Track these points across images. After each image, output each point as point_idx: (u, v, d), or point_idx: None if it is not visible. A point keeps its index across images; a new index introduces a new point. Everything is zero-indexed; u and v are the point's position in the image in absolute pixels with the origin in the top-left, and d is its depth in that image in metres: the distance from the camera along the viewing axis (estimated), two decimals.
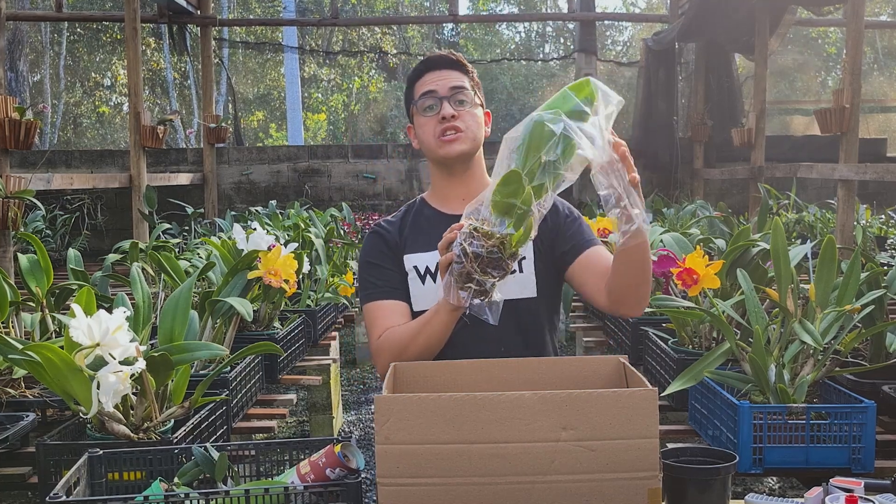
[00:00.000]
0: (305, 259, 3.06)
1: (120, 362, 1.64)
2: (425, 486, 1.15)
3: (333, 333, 3.67)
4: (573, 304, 3.95)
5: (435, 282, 1.71)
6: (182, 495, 1.30)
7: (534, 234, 1.36)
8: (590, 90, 1.33)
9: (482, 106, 1.81)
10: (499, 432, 1.14)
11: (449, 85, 1.74)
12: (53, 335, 2.55)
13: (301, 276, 3.17)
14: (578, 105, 1.31)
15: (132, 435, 1.75)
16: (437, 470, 1.15)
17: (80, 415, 1.77)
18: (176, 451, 1.48)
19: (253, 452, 1.51)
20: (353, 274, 4.04)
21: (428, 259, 1.73)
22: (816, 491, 1.32)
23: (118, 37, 15.59)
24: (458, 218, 1.77)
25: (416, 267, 1.75)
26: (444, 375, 1.47)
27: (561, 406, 1.14)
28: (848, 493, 1.29)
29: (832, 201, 5.86)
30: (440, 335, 1.61)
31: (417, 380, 1.46)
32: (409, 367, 1.47)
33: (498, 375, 1.48)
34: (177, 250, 4.38)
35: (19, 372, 2.28)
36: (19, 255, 2.71)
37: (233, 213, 6.64)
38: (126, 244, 3.88)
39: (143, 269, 3.21)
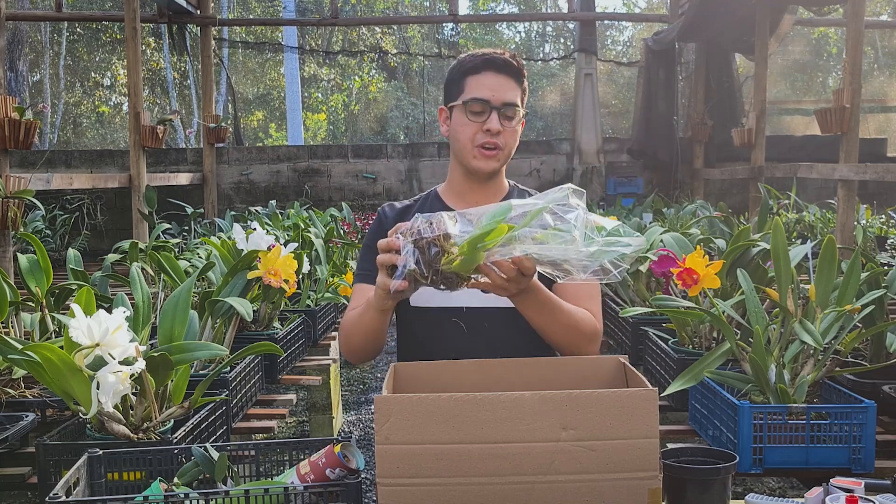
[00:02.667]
0: (305, 259, 3.06)
1: (120, 362, 1.64)
2: (425, 487, 1.15)
3: (333, 333, 3.67)
4: None
5: None
6: (182, 495, 1.30)
7: (472, 281, 1.33)
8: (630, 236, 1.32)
9: (525, 116, 1.79)
10: (499, 432, 1.14)
11: (504, 99, 1.70)
12: (53, 335, 2.55)
13: (301, 276, 3.16)
14: (606, 234, 1.31)
15: (132, 435, 1.75)
16: (436, 470, 1.15)
17: (80, 415, 1.77)
18: (176, 451, 1.48)
19: (253, 452, 1.51)
20: (354, 274, 4.04)
21: None
22: (816, 491, 1.32)
23: (118, 37, 15.60)
24: None
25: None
26: (444, 375, 1.47)
27: (561, 406, 1.14)
28: (848, 494, 1.29)
29: (832, 201, 5.86)
30: (375, 328, 1.60)
31: (417, 380, 1.46)
32: (409, 367, 1.47)
33: (498, 375, 1.47)
34: (176, 250, 4.38)
35: (19, 372, 2.28)
36: (19, 255, 2.71)
37: (233, 213, 6.64)
38: (126, 244, 3.88)
39: (142, 269, 3.21)
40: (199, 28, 7.83)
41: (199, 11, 7.63)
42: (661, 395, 1.99)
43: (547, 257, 1.26)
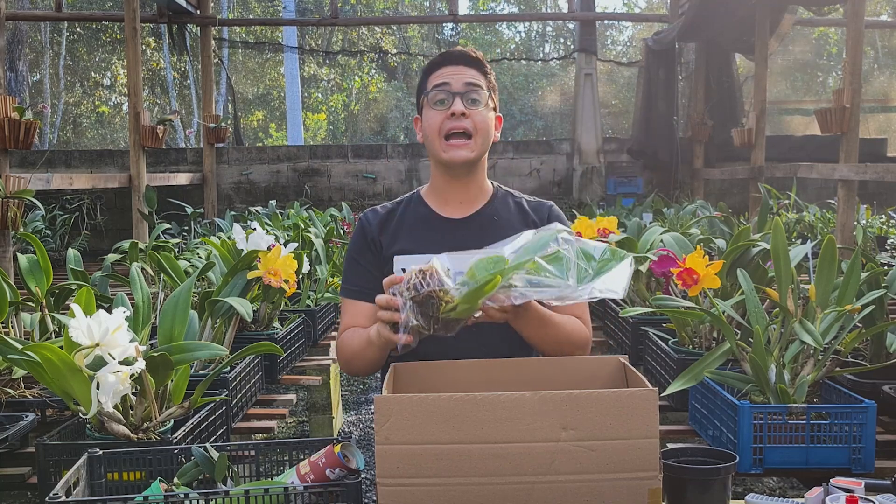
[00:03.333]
0: (305, 259, 3.06)
1: (119, 362, 1.64)
2: (425, 487, 1.15)
3: (333, 333, 3.67)
4: None
5: None
6: (182, 495, 1.30)
7: (471, 318, 1.36)
8: (618, 260, 1.34)
9: (495, 109, 1.76)
10: (499, 432, 1.14)
11: (464, 80, 1.69)
12: (53, 335, 2.55)
13: (301, 276, 3.16)
14: (599, 261, 1.33)
15: (132, 435, 1.75)
16: (436, 470, 1.15)
17: (80, 415, 1.77)
18: (176, 451, 1.48)
19: (253, 452, 1.51)
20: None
21: (416, 262, 1.69)
22: (817, 491, 1.32)
23: (118, 37, 15.60)
24: (454, 221, 1.75)
25: (404, 270, 1.71)
26: (443, 375, 1.47)
27: (561, 406, 1.14)
28: (848, 494, 1.29)
29: (832, 201, 5.86)
30: (376, 360, 1.62)
31: (417, 380, 1.46)
32: (409, 367, 1.47)
33: (498, 375, 1.47)
34: (176, 250, 4.38)
35: (19, 372, 2.28)
36: (19, 255, 2.71)
37: (232, 213, 6.63)
38: (126, 244, 3.88)
39: (142, 269, 3.21)
40: (198, 28, 7.83)
41: (198, 11, 7.62)
42: (661, 395, 1.99)
43: (542, 296, 1.30)
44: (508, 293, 1.30)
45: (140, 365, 1.69)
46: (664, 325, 2.84)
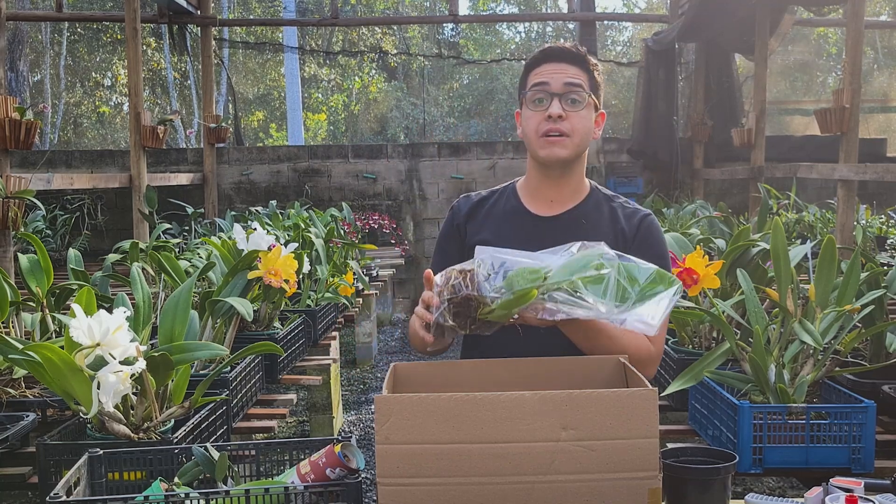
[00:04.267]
0: (305, 259, 3.06)
1: (120, 362, 1.65)
2: (425, 486, 1.15)
3: (333, 333, 3.67)
4: None
5: None
6: (182, 495, 1.30)
7: (509, 320, 1.36)
8: (666, 287, 1.29)
9: (597, 108, 1.70)
10: (499, 432, 1.14)
11: (563, 80, 1.64)
12: (53, 335, 2.55)
13: (301, 276, 3.17)
14: (643, 286, 1.29)
15: (132, 435, 1.75)
16: (437, 470, 1.15)
17: (81, 415, 1.77)
18: (176, 451, 1.48)
19: (253, 452, 1.51)
20: (353, 274, 4.04)
21: (498, 255, 1.67)
22: (816, 491, 1.32)
23: (118, 37, 15.60)
24: (541, 219, 1.73)
25: (482, 260, 1.68)
26: (444, 375, 1.47)
27: (561, 406, 1.14)
28: (848, 493, 1.29)
29: (832, 201, 5.86)
30: (433, 343, 1.58)
31: (417, 380, 1.46)
32: (409, 367, 1.47)
33: (498, 375, 1.48)
34: (177, 250, 4.38)
35: (19, 372, 2.28)
36: (19, 255, 2.71)
37: (233, 213, 6.64)
38: (126, 244, 3.88)
39: (143, 269, 3.21)
40: (199, 28, 7.83)
41: (199, 11, 7.63)
42: (661, 395, 2.00)
43: (573, 315, 1.30)
44: (542, 306, 1.30)
45: (140, 365, 1.69)
46: None
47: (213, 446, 1.45)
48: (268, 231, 3.52)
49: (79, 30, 16.21)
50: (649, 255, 1.59)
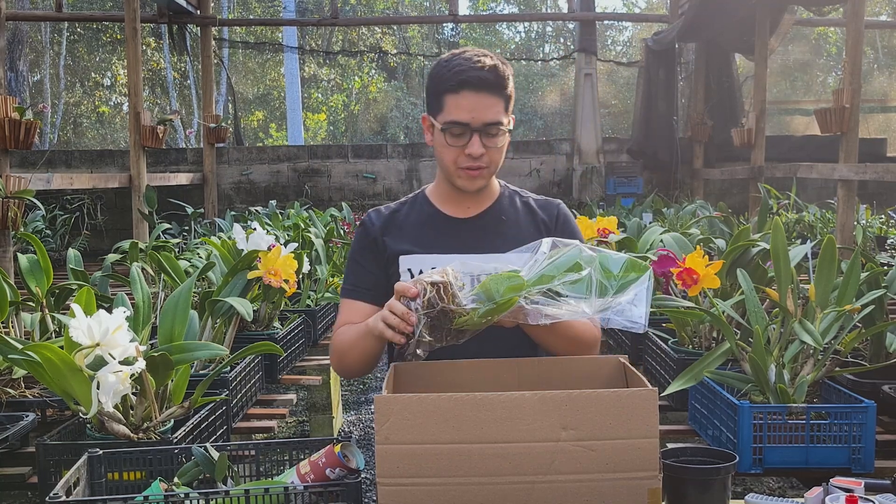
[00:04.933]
0: (305, 259, 3.06)
1: (120, 362, 1.64)
2: (425, 486, 1.15)
3: None
4: None
5: None
6: (182, 495, 1.30)
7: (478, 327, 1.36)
8: (638, 275, 1.31)
9: (510, 122, 1.66)
10: (499, 432, 1.14)
11: (484, 119, 1.58)
12: (53, 335, 2.55)
13: (301, 276, 3.16)
14: (619, 278, 1.31)
15: (132, 435, 1.75)
16: (436, 470, 1.15)
17: (80, 415, 1.77)
18: (176, 451, 1.48)
19: (253, 452, 1.51)
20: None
21: (424, 262, 1.67)
22: (816, 491, 1.32)
23: (118, 37, 15.60)
24: (460, 221, 1.72)
25: (410, 269, 1.68)
26: (443, 375, 1.47)
27: (561, 406, 1.14)
28: (848, 493, 1.29)
29: (832, 201, 5.86)
30: (372, 353, 1.59)
31: (417, 380, 1.46)
32: (408, 367, 1.47)
33: (498, 375, 1.47)
34: (177, 250, 4.38)
35: (19, 372, 2.28)
36: (19, 255, 2.71)
37: (233, 213, 6.64)
38: (126, 244, 3.88)
39: (142, 269, 3.21)
40: (199, 28, 7.83)
41: (199, 11, 7.63)
42: (661, 395, 2.00)
43: (557, 317, 1.30)
44: (524, 311, 1.29)
45: (140, 365, 1.69)
46: (664, 324, 2.84)
47: (212, 446, 1.45)
48: (268, 231, 3.52)
49: (78, 30, 16.21)
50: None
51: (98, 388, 1.64)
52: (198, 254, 3.95)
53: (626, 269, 1.31)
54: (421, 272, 1.64)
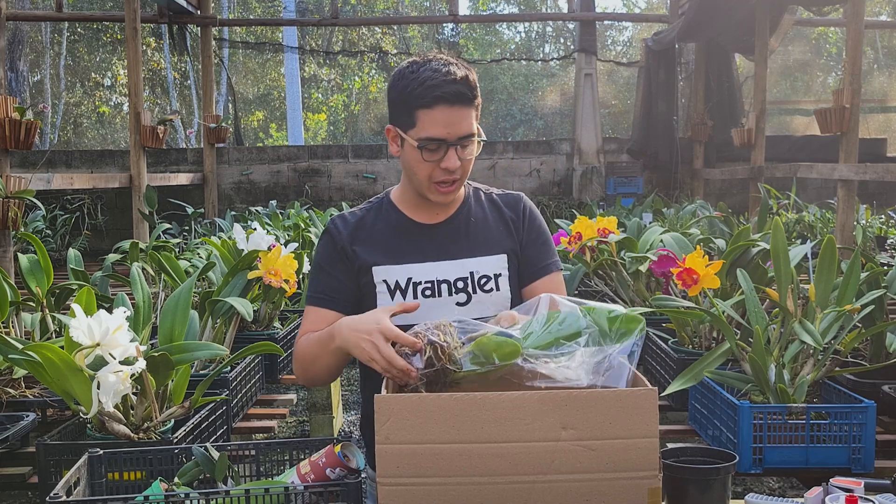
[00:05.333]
0: (305, 259, 3.06)
1: (120, 362, 1.65)
2: (425, 486, 1.15)
3: None
4: None
5: (404, 298, 1.62)
6: (182, 495, 1.30)
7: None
8: (635, 329, 1.30)
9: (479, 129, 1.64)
10: (499, 432, 1.14)
11: (459, 133, 1.55)
12: (53, 335, 2.55)
13: (301, 276, 3.16)
14: (615, 332, 1.30)
15: (132, 435, 1.75)
16: (437, 469, 1.15)
17: (81, 415, 1.77)
18: (176, 451, 1.48)
19: (253, 452, 1.51)
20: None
21: (398, 273, 1.63)
22: (816, 491, 1.32)
23: (118, 37, 15.60)
24: (430, 227, 1.67)
25: (385, 281, 1.63)
26: None
27: (561, 405, 1.14)
28: (848, 493, 1.29)
29: (832, 201, 5.86)
30: (340, 366, 1.57)
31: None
32: None
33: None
34: (177, 250, 4.38)
35: (19, 372, 2.28)
36: (19, 255, 2.71)
37: (233, 213, 6.64)
38: (126, 244, 3.88)
39: (143, 269, 3.21)
40: (199, 28, 7.83)
41: (199, 11, 7.63)
42: (661, 394, 2.00)
43: (557, 378, 1.29)
44: (522, 371, 1.30)
45: (140, 365, 1.69)
46: (664, 325, 2.84)
47: (213, 446, 1.45)
48: (268, 231, 3.53)
49: (79, 30, 16.21)
50: (538, 236, 1.71)
51: (98, 388, 1.64)
52: (198, 254, 3.95)
53: (621, 323, 1.30)
54: (397, 283, 1.62)
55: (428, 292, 1.62)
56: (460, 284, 1.63)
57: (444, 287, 1.63)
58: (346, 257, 1.66)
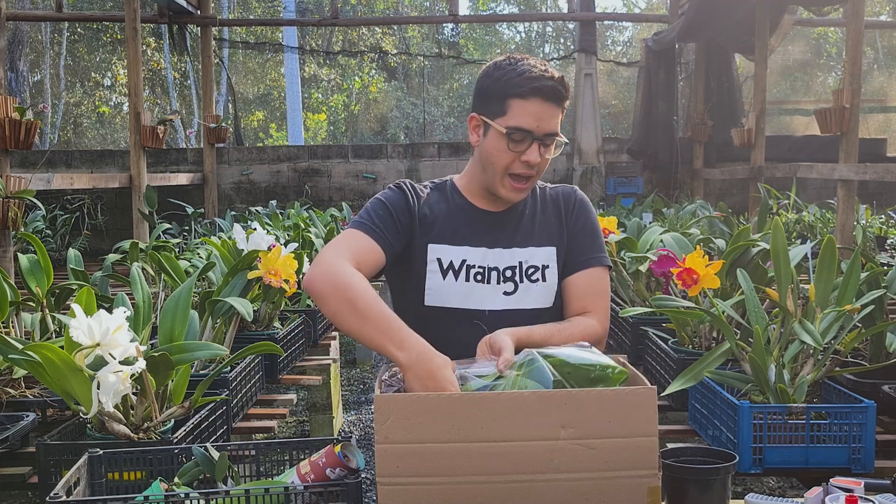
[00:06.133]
0: (306, 259, 3.06)
1: (120, 362, 1.65)
2: (425, 485, 1.15)
3: (333, 333, 3.67)
4: None
5: (456, 279, 1.64)
6: (182, 495, 1.30)
7: None
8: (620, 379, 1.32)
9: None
10: (498, 431, 1.15)
11: (546, 129, 1.59)
12: (53, 335, 2.55)
13: (301, 276, 3.16)
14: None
15: (132, 435, 1.75)
16: (436, 469, 1.15)
17: (81, 415, 1.77)
18: (176, 451, 1.48)
19: (253, 452, 1.51)
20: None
21: (454, 254, 1.66)
22: (816, 491, 1.32)
23: (118, 37, 15.60)
24: (492, 214, 1.70)
25: (439, 259, 1.65)
26: None
27: (560, 405, 1.15)
28: (848, 493, 1.29)
29: (832, 201, 5.86)
30: (361, 341, 1.49)
31: None
32: None
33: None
34: (177, 250, 4.38)
35: (19, 372, 2.28)
36: (19, 255, 2.71)
37: (233, 213, 6.64)
38: (126, 244, 3.88)
39: (143, 269, 3.21)
40: (199, 28, 7.83)
41: (199, 11, 7.63)
42: (662, 394, 2.00)
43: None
44: None
45: (140, 365, 1.69)
46: (664, 324, 2.84)
47: (213, 446, 1.45)
48: (268, 231, 3.52)
49: (79, 30, 16.21)
50: (584, 227, 1.73)
51: (98, 388, 1.64)
52: (198, 254, 3.95)
53: (603, 383, 1.30)
54: (451, 263, 1.65)
55: (479, 277, 1.65)
56: (508, 273, 1.66)
57: (493, 274, 1.66)
58: (412, 216, 1.68)
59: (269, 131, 18.14)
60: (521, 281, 1.66)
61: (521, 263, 1.67)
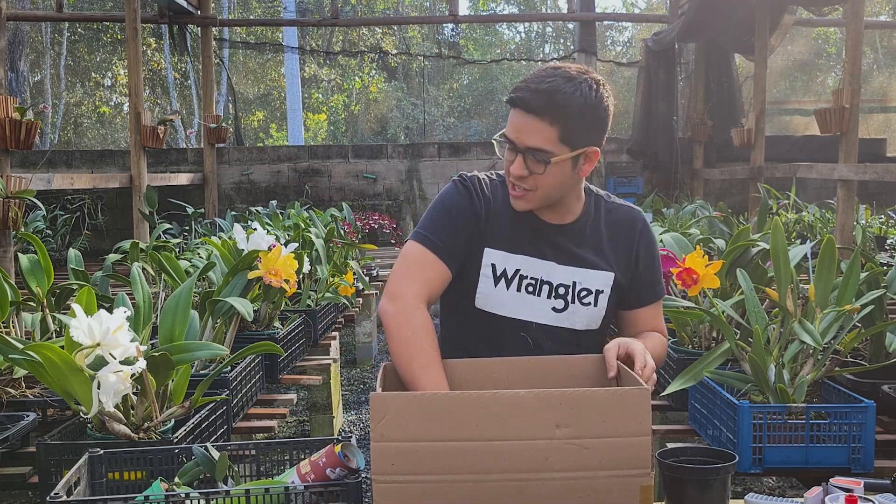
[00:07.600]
0: (306, 259, 3.06)
1: (120, 362, 1.65)
2: (421, 484, 1.15)
3: (333, 333, 3.67)
4: None
5: (508, 288, 1.60)
6: (182, 495, 1.31)
7: None
8: None
9: (580, 153, 1.54)
10: (494, 430, 1.15)
11: (526, 143, 1.51)
12: (54, 335, 2.55)
13: (301, 276, 3.17)
14: None
15: (133, 435, 1.75)
16: (432, 467, 1.15)
17: (81, 415, 1.77)
18: (176, 450, 1.49)
19: (253, 452, 1.51)
20: (354, 274, 4.04)
21: (509, 262, 1.61)
22: (816, 491, 1.32)
23: (119, 37, 15.60)
24: (553, 227, 1.64)
25: (493, 265, 1.61)
26: None
27: (556, 404, 1.15)
28: (848, 493, 1.29)
29: (832, 201, 5.86)
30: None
31: None
32: None
33: (495, 373, 1.48)
34: (177, 250, 4.38)
35: (20, 372, 2.28)
36: (20, 254, 2.71)
37: (233, 213, 6.64)
38: (126, 244, 3.88)
39: (143, 269, 3.21)
40: (199, 28, 7.83)
41: (199, 12, 7.63)
42: (661, 394, 2.00)
43: None
44: None
45: (141, 365, 1.69)
46: None
47: (213, 446, 1.45)
48: (268, 231, 3.53)
49: (79, 30, 16.21)
50: (648, 259, 1.69)
51: (99, 388, 1.64)
52: (198, 254, 3.95)
53: None
54: (504, 271, 1.61)
55: (531, 288, 1.61)
56: (561, 291, 1.62)
57: (545, 288, 1.62)
58: (476, 218, 1.62)
59: (270, 131, 18.15)
60: (573, 301, 1.62)
61: (574, 284, 1.62)
